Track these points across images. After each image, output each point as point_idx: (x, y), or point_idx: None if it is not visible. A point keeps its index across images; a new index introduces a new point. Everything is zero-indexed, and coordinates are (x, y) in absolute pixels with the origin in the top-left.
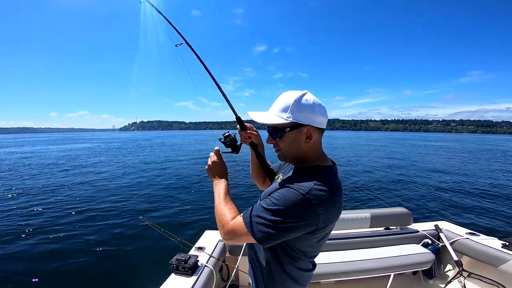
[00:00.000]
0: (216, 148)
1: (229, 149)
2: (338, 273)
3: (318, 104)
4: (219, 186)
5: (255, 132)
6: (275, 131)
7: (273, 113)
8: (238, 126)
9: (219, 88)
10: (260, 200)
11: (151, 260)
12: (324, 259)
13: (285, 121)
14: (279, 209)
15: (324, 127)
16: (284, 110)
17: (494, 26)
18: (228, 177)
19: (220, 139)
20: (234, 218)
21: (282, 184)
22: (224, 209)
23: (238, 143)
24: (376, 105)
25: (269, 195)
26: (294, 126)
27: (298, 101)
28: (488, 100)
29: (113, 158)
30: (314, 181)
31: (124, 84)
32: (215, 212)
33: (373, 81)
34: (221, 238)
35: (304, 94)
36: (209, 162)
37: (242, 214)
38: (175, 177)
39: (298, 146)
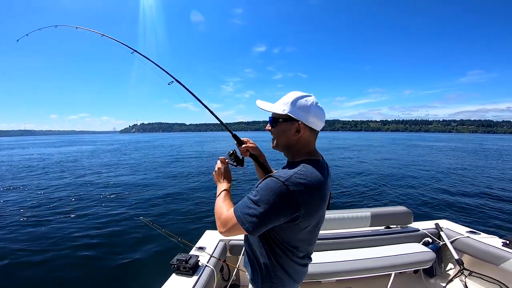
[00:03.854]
0: (221, 157)
1: (235, 163)
2: (338, 272)
3: (316, 107)
4: (221, 188)
5: (251, 145)
6: (272, 119)
7: (276, 104)
8: (235, 142)
9: (216, 117)
10: None
11: (151, 260)
12: (325, 258)
13: (281, 112)
14: (261, 198)
15: (317, 128)
16: (284, 104)
17: (495, 25)
18: (234, 183)
19: (226, 159)
20: (227, 210)
21: (267, 175)
22: (222, 205)
23: (241, 157)
24: (376, 105)
25: (256, 186)
26: (287, 118)
27: (297, 99)
28: (489, 99)
29: (114, 159)
30: (296, 170)
31: (122, 85)
32: (214, 210)
33: (373, 81)
34: (222, 238)
35: (307, 96)
36: (216, 168)
37: (233, 208)
38: (175, 177)
39: (288, 137)
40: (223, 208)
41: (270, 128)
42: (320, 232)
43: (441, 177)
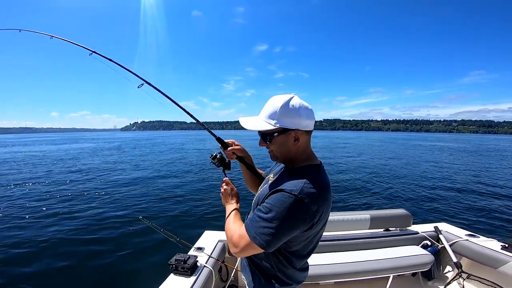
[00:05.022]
0: (226, 178)
1: (221, 168)
2: (337, 274)
3: (304, 108)
4: (230, 208)
5: (237, 147)
6: (265, 135)
7: (261, 119)
8: (220, 145)
9: (193, 117)
10: (253, 205)
11: (150, 260)
12: (323, 260)
13: (272, 127)
14: (276, 214)
15: (311, 129)
16: (272, 116)
17: (496, 26)
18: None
19: (210, 163)
20: (238, 229)
21: (274, 188)
22: (233, 226)
23: (227, 160)
24: (377, 105)
25: (263, 200)
26: (282, 131)
27: (284, 106)
28: (490, 100)
29: (114, 157)
30: (304, 181)
31: (123, 84)
32: (225, 231)
33: (374, 81)
34: (221, 238)
35: (290, 99)
36: (221, 190)
37: (244, 227)
38: (175, 177)
39: (288, 148)
40: (235, 228)
41: (264, 144)
42: None
43: (441, 179)
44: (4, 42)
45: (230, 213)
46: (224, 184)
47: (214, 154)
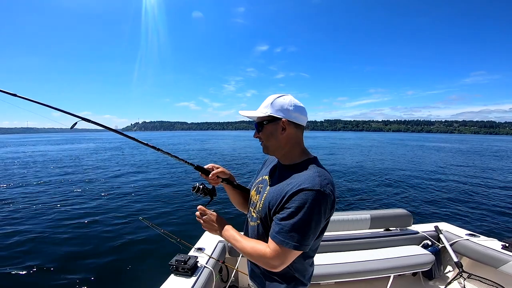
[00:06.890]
0: (199, 207)
1: (207, 197)
2: (338, 274)
3: (295, 103)
4: (228, 234)
5: (219, 170)
6: (258, 125)
7: (258, 110)
8: (200, 173)
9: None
10: (263, 209)
11: (150, 261)
12: (324, 260)
13: (263, 115)
14: (308, 215)
15: (300, 123)
16: (265, 107)
17: (498, 26)
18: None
19: (194, 195)
20: (266, 247)
21: (284, 187)
22: (250, 245)
23: (210, 187)
24: (378, 106)
25: (280, 205)
26: (271, 119)
27: (276, 99)
28: (492, 100)
29: (115, 158)
30: (317, 174)
31: (124, 84)
32: (244, 254)
33: (375, 81)
34: (221, 239)
35: (284, 95)
36: (202, 223)
37: (272, 240)
38: (175, 177)
39: (276, 138)
40: (257, 247)
41: (258, 134)
42: None
43: (441, 179)
44: (4, 42)
45: (231, 236)
46: (199, 214)
47: (196, 186)
